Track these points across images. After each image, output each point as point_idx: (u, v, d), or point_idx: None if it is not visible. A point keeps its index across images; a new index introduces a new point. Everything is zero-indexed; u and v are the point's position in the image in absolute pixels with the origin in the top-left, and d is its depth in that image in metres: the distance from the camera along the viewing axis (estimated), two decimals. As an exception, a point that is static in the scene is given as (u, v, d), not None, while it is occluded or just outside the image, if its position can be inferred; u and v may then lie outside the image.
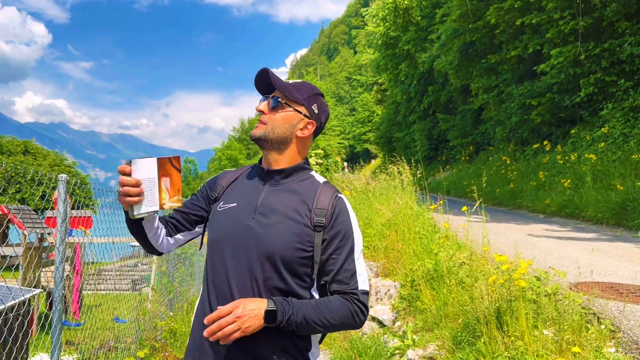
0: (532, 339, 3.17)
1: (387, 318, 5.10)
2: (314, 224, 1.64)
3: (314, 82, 34.16)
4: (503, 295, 3.51)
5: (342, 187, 10.70)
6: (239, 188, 1.80)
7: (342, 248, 1.66)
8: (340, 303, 1.61)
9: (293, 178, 1.76)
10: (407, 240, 6.01)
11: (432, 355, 3.90)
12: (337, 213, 1.68)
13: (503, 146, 19.42)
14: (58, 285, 2.73)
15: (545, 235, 8.13)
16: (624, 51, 12.15)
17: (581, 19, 12.66)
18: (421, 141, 31.25)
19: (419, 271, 5.06)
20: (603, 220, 9.67)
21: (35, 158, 28.01)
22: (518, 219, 11.30)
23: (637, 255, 6.30)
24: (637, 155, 10.50)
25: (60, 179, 2.69)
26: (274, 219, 1.64)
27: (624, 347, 3.11)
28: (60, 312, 2.73)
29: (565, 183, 11.92)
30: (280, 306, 1.51)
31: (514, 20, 14.77)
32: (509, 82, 18.47)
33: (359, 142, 63.27)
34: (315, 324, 1.56)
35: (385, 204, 7.51)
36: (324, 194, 1.71)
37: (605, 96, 13.17)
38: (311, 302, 1.60)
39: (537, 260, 5.54)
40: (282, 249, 1.59)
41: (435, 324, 4.28)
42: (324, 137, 34.01)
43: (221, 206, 1.76)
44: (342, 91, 78.50)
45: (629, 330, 3.30)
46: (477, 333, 3.57)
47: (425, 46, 26.59)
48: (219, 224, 1.72)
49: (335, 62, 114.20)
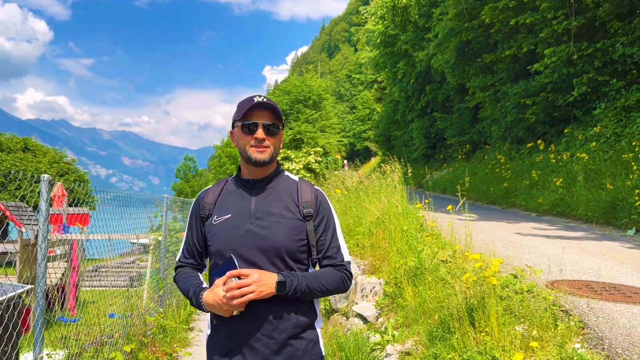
0: (502, 334, 3.28)
1: (370, 314, 5.21)
2: (304, 215, 2.00)
3: (314, 80, 34.25)
4: (476, 292, 3.62)
5: (335, 186, 10.80)
6: (228, 201, 2.04)
7: (328, 230, 2.04)
8: (333, 273, 2.00)
9: (274, 182, 2.07)
10: (394, 238, 6.12)
11: (409, 350, 4.01)
12: (320, 202, 2.06)
13: (499, 145, 19.52)
14: (40, 281, 2.83)
15: (533, 234, 8.23)
16: (616, 51, 12.24)
17: (574, 18, 12.74)
18: (419, 139, 31.36)
19: (402, 269, 5.17)
20: (593, 219, 9.78)
21: (34, 155, 28.15)
22: (509, 217, 11.40)
23: (619, 254, 6.40)
24: (627, 154, 10.59)
25: (43, 178, 2.80)
26: (271, 220, 1.95)
27: (589, 343, 3.21)
28: (43, 307, 2.84)
29: (558, 182, 12.03)
30: (288, 278, 1.86)
31: (508, 19, 14.85)
32: (504, 81, 18.56)
33: (359, 140, 63.29)
34: (315, 290, 1.93)
35: (375, 202, 7.61)
36: (305, 189, 2.07)
37: (598, 96, 13.27)
38: (311, 273, 1.98)
39: (519, 258, 5.66)
40: (286, 243, 1.93)
41: (414, 320, 4.39)
42: (323, 135, 34.02)
43: (216, 219, 2.00)
44: (342, 89, 78.48)
45: (596, 327, 3.40)
46: (451, 329, 3.68)
47: (423, 45, 26.67)
48: (219, 235, 1.97)
49: (336, 59, 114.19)
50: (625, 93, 12.07)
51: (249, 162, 2.00)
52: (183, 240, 2.18)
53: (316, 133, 33.64)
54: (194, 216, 2.11)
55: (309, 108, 35.07)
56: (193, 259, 2.13)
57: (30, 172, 23.25)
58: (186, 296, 2.02)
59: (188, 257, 2.13)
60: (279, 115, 2.00)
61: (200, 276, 2.10)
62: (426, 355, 3.72)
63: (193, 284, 2.00)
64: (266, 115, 1.98)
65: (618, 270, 5.30)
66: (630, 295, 4.18)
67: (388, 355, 4.15)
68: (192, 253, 2.12)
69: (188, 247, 2.13)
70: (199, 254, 2.12)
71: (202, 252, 2.12)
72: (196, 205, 2.13)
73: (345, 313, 5.97)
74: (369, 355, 4.44)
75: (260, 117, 1.97)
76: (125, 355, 4.60)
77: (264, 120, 1.97)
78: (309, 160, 31.29)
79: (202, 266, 2.16)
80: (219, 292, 1.82)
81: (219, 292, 1.81)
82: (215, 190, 2.11)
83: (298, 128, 33.05)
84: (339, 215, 8.86)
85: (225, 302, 1.79)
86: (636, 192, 8.88)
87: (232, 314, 1.84)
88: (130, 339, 4.94)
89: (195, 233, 2.10)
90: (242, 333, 1.89)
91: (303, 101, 35.20)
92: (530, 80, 16.07)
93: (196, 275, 2.09)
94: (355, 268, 6.39)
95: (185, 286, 2.02)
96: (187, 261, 2.14)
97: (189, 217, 2.16)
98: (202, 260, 2.14)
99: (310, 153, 31.87)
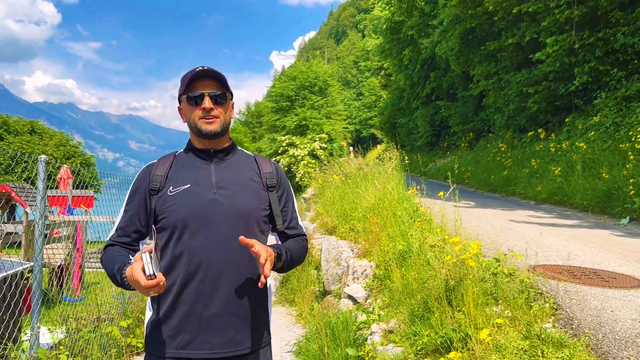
0: (477, 314, 3.44)
1: (360, 296, 5.38)
2: (267, 185, 2.01)
3: (320, 66, 34.17)
4: (455, 274, 3.78)
5: (334, 172, 10.95)
6: (182, 172, 1.95)
7: (289, 202, 2.11)
8: (300, 243, 2.08)
9: (231, 154, 2.05)
10: (386, 223, 6.27)
11: (392, 329, 4.19)
12: (280, 174, 2.10)
13: (502, 133, 19.57)
14: (37, 256, 3.01)
15: (526, 221, 8.36)
16: (618, 41, 12.24)
17: (576, 7, 12.73)
18: (424, 127, 31.38)
19: (391, 252, 5.33)
20: (589, 208, 9.89)
21: (41, 138, 28.44)
22: (507, 205, 11.52)
23: (608, 242, 6.52)
24: (625, 144, 10.65)
25: (40, 159, 2.96)
26: (235, 188, 1.93)
27: (559, 323, 3.37)
28: (40, 281, 3.02)
29: (556, 171, 12.11)
30: (281, 250, 1.89)
31: (511, 7, 14.83)
32: (507, 70, 18.56)
33: (365, 126, 63.28)
34: (294, 261, 2.00)
35: (371, 189, 7.76)
36: (264, 161, 2.09)
37: (599, 85, 13.29)
38: (288, 244, 2.02)
39: (506, 244, 5.80)
40: (253, 211, 1.93)
41: (399, 301, 4.56)
42: (328, 122, 34.07)
43: (172, 190, 1.89)
44: (349, 75, 78.25)
45: (568, 308, 3.55)
46: (431, 309, 3.84)
47: (428, 31, 26.62)
48: (178, 206, 1.86)
49: (343, 45, 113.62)
50: (626, 83, 12.10)
51: (199, 135, 1.93)
52: (117, 218, 1.99)
53: (322, 119, 33.68)
54: (138, 190, 1.95)
55: (314, 94, 35.07)
56: (128, 237, 1.94)
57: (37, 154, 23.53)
58: (110, 274, 1.80)
59: (122, 235, 1.94)
60: (225, 84, 1.93)
61: (129, 255, 1.89)
62: (407, 332, 3.89)
63: (119, 261, 1.78)
64: (212, 84, 1.90)
65: (603, 257, 5.42)
66: (608, 280, 4.32)
67: (372, 333, 4.33)
68: (128, 231, 1.93)
69: (125, 224, 1.94)
70: (137, 232, 1.94)
71: (142, 231, 1.95)
72: (141, 179, 1.97)
73: (337, 295, 6.15)
74: (355, 333, 4.63)
75: (205, 87, 1.89)
76: (122, 330, 4.80)
77: (210, 90, 1.89)
78: (314, 146, 31.39)
79: (136, 249, 1.96)
80: (133, 267, 1.60)
81: (134, 266, 1.60)
82: (163, 162, 1.99)
83: (303, 114, 33.09)
84: (337, 201, 9.04)
85: (136, 278, 1.57)
86: (631, 182, 8.97)
87: (150, 294, 1.65)
88: (127, 316, 5.14)
89: (138, 209, 1.93)
90: (204, 312, 1.81)
91: (309, 87, 35.19)
92: (533, 69, 16.08)
93: (124, 253, 1.88)
94: (348, 252, 6.57)
95: (112, 263, 1.80)
96: (119, 240, 1.93)
97: (130, 192, 1.98)
98: (137, 241, 1.96)
99: (316, 139, 31.96)
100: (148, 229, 1.96)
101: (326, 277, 6.71)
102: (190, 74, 1.88)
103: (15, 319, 4.16)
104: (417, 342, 3.63)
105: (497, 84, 19.22)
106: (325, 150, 31.59)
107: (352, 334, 4.63)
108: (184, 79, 1.91)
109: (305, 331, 5.62)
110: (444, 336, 3.39)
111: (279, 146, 32.42)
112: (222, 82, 1.92)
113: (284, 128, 33.58)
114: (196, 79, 1.89)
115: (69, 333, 4.57)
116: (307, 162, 30.52)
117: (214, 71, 1.90)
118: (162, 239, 1.87)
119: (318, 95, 35.17)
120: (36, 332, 2.97)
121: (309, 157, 31.02)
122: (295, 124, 32.95)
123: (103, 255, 1.90)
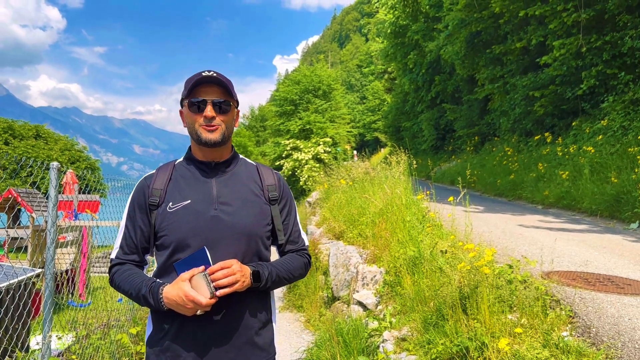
0: (492, 321, 3.39)
1: (370, 302, 5.33)
2: (269, 199, 1.93)
3: (324, 70, 34.18)
4: (470, 281, 3.73)
5: (340, 176, 10.90)
6: (182, 186, 1.86)
7: (290, 214, 2.01)
8: (296, 259, 1.98)
9: (233, 165, 1.96)
10: (395, 229, 6.23)
11: (404, 337, 4.13)
12: (283, 185, 2.01)
13: (508, 137, 19.51)
14: (49, 265, 2.97)
15: (536, 226, 8.29)
16: (625, 44, 12.18)
17: (583, 11, 12.69)
18: (428, 131, 31.33)
19: (402, 258, 5.28)
20: (597, 213, 9.82)
21: (46, 142, 28.48)
22: (515, 209, 11.45)
23: (619, 247, 6.45)
24: (633, 148, 10.59)
25: (52, 166, 2.93)
26: (237, 204, 1.84)
27: (577, 331, 3.32)
28: (52, 289, 2.98)
29: (564, 175, 12.05)
30: (260, 268, 1.79)
31: (518, 10, 14.80)
32: (513, 73, 18.51)
33: (369, 130, 63.28)
34: (284, 279, 1.89)
35: (379, 193, 7.71)
36: (266, 172, 2.00)
37: (606, 89, 13.23)
38: (277, 261, 1.92)
39: (518, 249, 5.75)
40: (256, 228, 1.84)
41: (411, 308, 4.51)
42: (332, 126, 34.03)
43: (171, 206, 1.80)
44: (352, 79, 78.29)
45: (585, 316, 3.50)
46: (445, 316, 3.79)
47: (433, 35, 26.61)
48: (178, 223, 1.78)
49: (347, 49, 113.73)
50: (633, 86, 12.03)
51: (199, 143, 1.84)
52: (119, 235, 1.90)
53: (325, 123, 33.63)
54: (137, 206, 1.87)
55: (318, 98, 35.04)
56: (136, 254, 1.87)
57: (42, 159, 23.57)
58: (133, 295, 1.75)
59: (128, 253, 1.86)
60: (230, 91, 1.84)
61: (145, 273, 1.86)
62: (420, 341, 3.84)
63: (144, 280, 1.75)
64: (216, 91, 1.82)
65: (615, 263, 5.36)
66: (623, 287, 4.26)
67: (385, 341, 4.27)
68: (133, 248, 1.86)
69: (129, 241, 1.86)
70: (142, 249, 1.87)
71: (146, 247, 1.87)
72: (140, 193, 1.89)
73: (346, 301, 6.10)
74: (366, 340, 4.57)
75: (208, 94, 1.80)
76: (131, 337, 4.76)
77: (213, 97, 1.81)
78: (318, 150, 31.34)
79: (144, 264, 1.91)
80: (184, 287, 1.61)
81: (185, 287, 1.61)
82: (162, 175, 1.90)
83: (307, 118, 33.06)
84: (344, 205, 9.00)
85: (192, 298, 1.58)
86: (640, 186, 8.91)
87: (196, 312, 1.65)
88: (136, 322, 5.10)
89: (140, 225, 1.85)
90: (207, 332, 1.74)
91: (313, 91, 35.16)
92: (539, 72, 16.03)
93: (141, 272, 1.85)
94: (357, 257, 6.52)
95: (132, 284, 1.75)
96: (127, 258, 1.86)
97: (129, 207, 1.90)
98: (144, 256, 1.90)
99: (320, 143, 31.90)
100: (152, 244, 1.88)
101: (334, 282, 6.66)
102: (194, 78, 1.80)
103: (24, 320, 4.15)
104: (431, 350, 3.58)
105: (502, 87, 19.18)
106: (329, 154, 31.54)
107: (364, 342, 4.58)
108: (187, 83, 1.83)
109: (315, 338, 5.57)
110: (460, 345, 3.34)
111: (283, 150, 32.38)
112: (227, 89, 1.84)
113: (288, 132, 33.53)
114: (200, 84, 1.81)
115: (78, 339, 4.54)
116: (311, 165, 30.46)
117: (219, 77, 1.81)
118: (162, 257, 1.81)
119: (322, 99, 35.13)
120: (48, 342, 2.93)
121: (313, 161, 30.95)
122: (299, 128, 32.90)
123: (114, 276, 1.83)
